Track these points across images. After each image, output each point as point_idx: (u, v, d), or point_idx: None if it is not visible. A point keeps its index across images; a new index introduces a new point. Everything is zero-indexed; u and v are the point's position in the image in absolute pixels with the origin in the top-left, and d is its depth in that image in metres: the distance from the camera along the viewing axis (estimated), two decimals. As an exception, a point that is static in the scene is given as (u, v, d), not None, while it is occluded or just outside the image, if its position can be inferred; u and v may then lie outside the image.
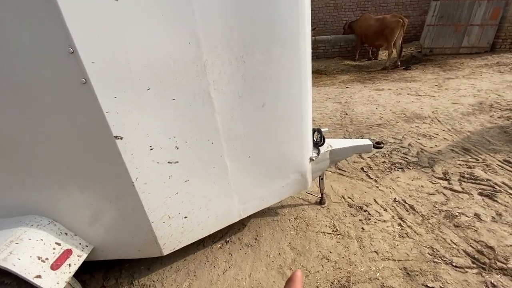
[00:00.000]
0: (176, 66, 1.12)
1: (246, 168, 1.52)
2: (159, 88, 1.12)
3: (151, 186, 1.27)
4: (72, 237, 1.36)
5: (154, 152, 1.22)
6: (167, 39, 1.06)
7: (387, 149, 3.02)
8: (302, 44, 1.39)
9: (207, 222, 1.54)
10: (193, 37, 1.11)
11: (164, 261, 1.71)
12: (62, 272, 1.25)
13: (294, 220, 2.02)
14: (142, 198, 1.27)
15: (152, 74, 1.08)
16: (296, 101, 1.51)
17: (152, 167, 1.24)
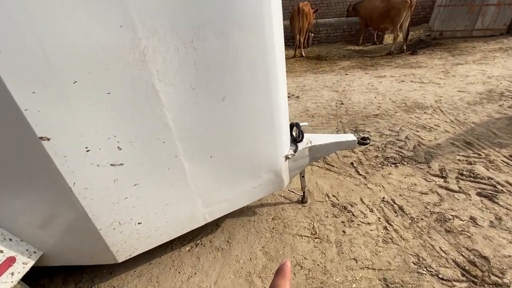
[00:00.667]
0: (107, 54, 0.94)
1: (209, 169, 1.36)
2: (89, 81, 0.95)
3: (93, 191, 1.13)
4: (17, 243, 1.25)
5: (91, 154, 1.07)
6: (92, 22, 0.88)
7: (382, 142, 2.81)
8: (268, 26, 1.19)
9: (166, 227, 1.41)
10: (125, 18, 0.92)
11: (128, 265, 1.61)
12: (2, 282, 1.14)
13: (271, 220, 1.89)
14: (84, 204, 1.13)
15: (77, 64, 0.91)
16: (264, 93, 1.32)
17: (91, 171, 1.09)
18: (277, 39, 1.28)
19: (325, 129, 3.22)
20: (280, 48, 1.35)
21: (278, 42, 1.31)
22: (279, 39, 1.33)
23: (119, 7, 0.90)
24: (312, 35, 8.48)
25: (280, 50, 1.36)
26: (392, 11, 6.52)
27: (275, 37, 1.25)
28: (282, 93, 1.48)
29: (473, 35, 7.36)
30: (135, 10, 0.93)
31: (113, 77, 0.99)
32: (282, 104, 1.47)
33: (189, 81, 1.12)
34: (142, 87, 1.04)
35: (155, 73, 1.04)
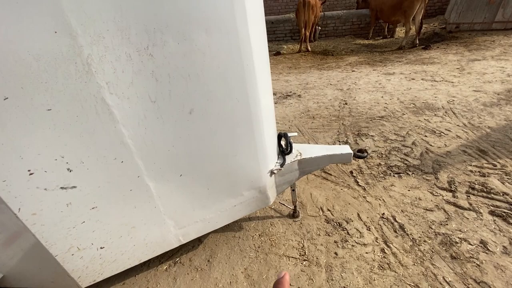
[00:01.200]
0: (41, 66, 0.80)
1: (179, 189, 1.22)
2: (22, 97, 0.81)
3: (42, 216, 1.01)
4: (-31, 267, 1.16)
5: (36, 177, 0.94)
6: (18, 28, 0.74)
7: (386, 148, 2.60)
8: (242, 28, 1.01)
9: (134, 251, 1.28)
10: (60, 23, 0.77)
11: (101, 284, 1.50)
12: None
13: (258, 237, 1.74)
14: (34, 231, 1.01)
15: (5, 79, 0.77)
16: (241, 103, 1.16)
17: (38, 195, 0.96)
18: (255, 41, 1.10)
19: (325, 132, 3.03)
20: (260, 51, 1.18)
21: (258, 45, 1.14)
22: (259, 42, 1.16)
23: (51, 10, 0.75)
24: (319, 29, 8.15)
25: (260, 54, 1.18)
26: (405, 2, 6.13)
27: (253, 40, 1.08)
28: (266, 101, 1.31)
29: (492, 28, 6.88)
30: (72, 12, 0.77)
31: (53, 92, 0.84)
32: (265, 114, 1.30)
33: (148, 93, 0.97)
34: (90, 101, 0.90)
35: (104, 85, 0.89)
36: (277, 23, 8.51)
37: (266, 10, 9.05)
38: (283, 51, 7.45)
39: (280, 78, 5.24)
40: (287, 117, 3.49)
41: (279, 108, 3.79)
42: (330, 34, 8.46)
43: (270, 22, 8.54)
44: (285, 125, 3.28)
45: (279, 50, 7.44)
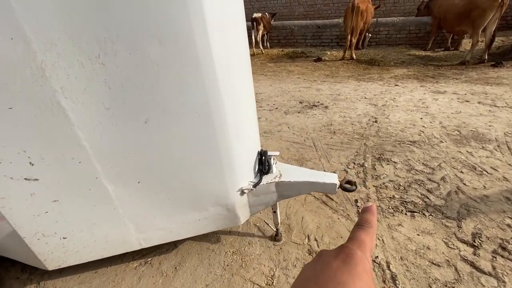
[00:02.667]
0: (1, 68, 0.87)
1: (137, 195, 1.23)
2: (-20, 97, 0.90)
3: (10, 201, 1.11)
4: (-34, 232, 1.34)
5: (2, 166, 1.03)
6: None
7: (407, 179, 2.26)
8: (201, 40, 0.96)
9: (95, 246, 1.33)
10: (15, 30, 0.82)
11: (78, 268, 1.61)
12: None
13: (231, 254, 1.66)
14: (4, 213, 1.12)
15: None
16: (201, 118, 1.10)
17: (5, 182, 1.06)
18: (221, 54, 1.04)
19: (341, 151, 2.78)
20: (231, 65, 1.11)
21: (226, 58, 1.07)
22: (230, 54, 1.09)
23: (7, 18, 0.81)
24: (369, 36, 7.57)
25: (231, 68, 1.11)
26: (475, 11, 5.28)
27: (217, 53, 1.01)
28: (239, 117, 1.23)
29: None
30: (25, 20, 0.82)
31: (12, 92, 0.91)
32: (235, 130, 1.23)
33: (101, 100, 0.98)
34: (46, 104, 0.95)
35: (59, 89, 0.93)
36: (323, 28, 8.18)
37: (315, 14, 8.78)
38: (324, 58, 7.12)
39: (312, 86, 5.01)
40: (306, 129, 3.30)
41: (300, 118, 3.61)
42: (381, 42, 7.78)
43: (317, 26, 8.24)
44: (301, 137, 3.11)
45: (320, 56, 7.13)
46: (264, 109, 4.02)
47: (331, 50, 7.91)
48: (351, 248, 0.30)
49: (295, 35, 8.70)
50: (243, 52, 1.22)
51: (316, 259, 0.32)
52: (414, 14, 7.20)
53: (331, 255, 0.30)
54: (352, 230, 0.33)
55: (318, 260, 0.31)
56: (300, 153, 2.79)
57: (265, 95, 4.65)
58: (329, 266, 0.28)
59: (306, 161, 2.66)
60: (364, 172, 2.42)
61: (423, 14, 6.82)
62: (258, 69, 6.54)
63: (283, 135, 3.21)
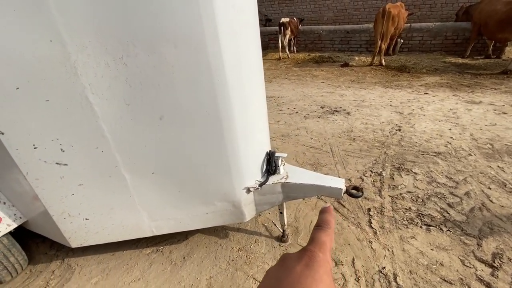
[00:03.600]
0: (41, 66, 1.01)
1: (151, 185, 1.33)
2: (29, 88, 1.04)
3: (43, 182, 1.27)
4: (8, 207, 1.54)
5: (39, 151, 1.19)
6: (26, 37, 0.95)
7: (426, 192, 2.16)
8: (212, 44, 1.03)
9: (112, 229, 1.46)
10: (54, 34, 0.96)
11: (98, 249, 1.77)
12: (-16, 236, 1.44)
13: (237, 251, 1.72)
14: (37, 192, 1.29)
15: (17, 73, 1.01)
16: (211, 117, 1.18)
17: (40, 165, 1.22)
18: (231, 58, 1.10)
19: (359, 158, 2.71)
20: (240, 67, 1.17)
21: (236, 61, 1.13)
22: (240, 58, 1.15)
23: (48, 24, 0.94)
24: (401, 41, 7.25)
25: (240, 70, 1.17)
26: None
27: (227, 56, 1.08)
28: (246, 118, 1.29)
29: None
30: (63, 26, 0.95)
31: (50, 87, 1.05)
32: (244, 132, 1.29)
33: (123, 97, 1.10)
34: (77, 98, 1.08)
35: (87, 86, 1.06)
36: (352, 33, 7.99)
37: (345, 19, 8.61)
38: (352, 63, 6.95)
39: (336, 91, 4.92)
40: (324, 134, 3.27)
41: (319, 123, 3.58)
42: (414, 48, 7.41)
43: (345, 31, 8.08)
44: (319, 142, 3.09)
45: (347, 62, 6.98)
46: (284, 113, 4.04)
47: (359, 55, 7.70)
48: (313, 251, 0.30)
49: (323, 40, 8.60)
50: (254, 56, 1.28)
51: (279, 263, 0.32)
52: (452, 19, 6.77)
53: (294, 259, 0.30)
54: (313, 232, 0.34)
55: (282, 265, 0.31)
56: (316, 158, 2.78)
57: (286, 99, 4.67)
58: (293, 270, 0.29)
59: (321, 166, 2.63)
60: (381, 181, 2.34)
61: (462, 20, 6.38)
62: (283, 73, 6.57)
63: (300, 139, 3.21)
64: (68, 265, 1.69)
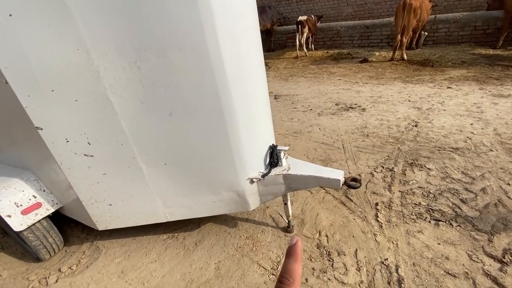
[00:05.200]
0: (71, 71, 1.19)
1: (164, 175, 1.49)
2: (61, 90, 1.24)
3: (74, 171, 1.48)
4: (47, 194, 1.79)
5: (70, 144, 1.39)
6: (56, 47, 1.14)
7: (439, 187, 2.11)
8: (213, 47, 1.15)
9: (131, 214, 1.64)
10: (80, 44, 1.14)
11: (121, 233, 1.98)
12: (28, 218, 1.68)
13: (244, 239, 1.83)
14: (70, 180, 1.50)
15: (51, 78, 1.21)
16: (215, 113, 1.30)
17: (71, 156, 1.42)
18: (231, 60, 1.21)
19: (372, 154, 2.70)
20: (242, 68, 1.27)
21: (234, 63, 1.24)
22: (237, 59, 1.25)
23: (75, 35, 1.12)
24: (425, 34, 6.91)
25: (239, 72, 1.28)
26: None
27: (226, 58, 1.19)
28: (250, 115, 1.39)
29: None
30: (88, 37, 1.12)
31: (78, 89, 1.24)
32: (246, 127, 1.39)
33: (138, 96, 1.26)
34: (100, 98, 1.26)
35: (108, 87, 1.23)
36: (373, 27, 7.75)
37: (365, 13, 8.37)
38: (371, 59, 6.76)
39: (352, 88, 4.85)
40: (337, 131, 3.27)
41: (333, 120, 3.58)
42: (440, 40, 7.01)
43: (365, 26, 7.86)
44: (331, 139, 3.11)
45: (367, 57, 6.79)
46: (298, 110, 4.09)
47: (379, 51, 7.46)
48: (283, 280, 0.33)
49: (342, 36, 8.43)
50: (255, 57, 1.38)
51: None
52: (482, 8, 6.31)
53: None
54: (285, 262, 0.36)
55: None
56: (327, 154, 2.81)
57: (301, 97, 4.70)
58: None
59: (332, 162, 2.66)
60: (392, 176, 2.33)
61: (494, 8, 5.93)
62: (299, 71, 6.58)
63: (313, 135, 3.24)
64: (96, 247, 1.91)
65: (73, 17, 1.09)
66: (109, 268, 1.72)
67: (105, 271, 1.71)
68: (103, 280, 1.64)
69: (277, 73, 6.73)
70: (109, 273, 1.69)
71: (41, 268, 1.81)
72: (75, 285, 1.64)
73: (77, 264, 1.79)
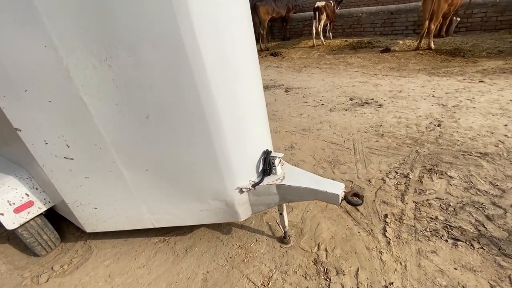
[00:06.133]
0: (41, 70, 1.10)
1: (146, 180, 1.38)
2: (34, 90, 1.15)
3: (56, 174, 1.41)
4: (40, 192, 1.76)
5: (49, 146, 1.31)
6: (24, 44, 1.04)
7: (460, 199, 1.86)
8: (190, 42, 0.99)
9: (117, 218, 1.57)
10: (47, 40, 1.03)
11: (115, 233, 1.93)
12: (20, 216, 1.66)
13: (236, 248, 1.71)
14: (53, 182, 1.44)
15: (23, 77, 1.12)
16: (196, 117, 1.15)
17: (52, 159, 1.35)
18: (210, 54, 1.05)
19: (385, 157, 2.46)
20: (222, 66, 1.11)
21: (217, 58, 1.08)
22: (220, 54, 1.09)
23: (42, 31, 1.01)
24: (457, 20, 6.25)
25: (223, 69, 1.11)
26: None
27: (205, 53, 1.03)
28: (238, 119, 1.24)
29: None
30: (53, 32, 1.01)
31: (51, 89, 1.14)
32: (233, 132, 1.24)
33: (112, 97, 1.14)
34: (73, 99, 1.15)
35: (80, 87, 1.12)
36: (397, 13, 7.14)
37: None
38: (394, 48, 6.25)
39: (370, 81, 4.50)
40: (349, 129, 3.03)
41: (345, 117, 3.32)
42: (474, 27, 6.31)
43: (389, 12, 7.26)
44: (341, 138, 2.88)
45: (389, 46, 6.29)
46: (308, 105, 3.85)
47: (404, 39, 6.88)
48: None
49: (362, 24, 7.87)
50: (245, 52, 1.20)
51: None
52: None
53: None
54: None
55: None
56: (336, 155, 2.60)
57: (313, 90, 4.43)
58: None
59: (340, 164, 2.46)
60: (406, 184, 2.09)
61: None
62: (314, 62, 6.24)
63: (322, 133, 3.03)
64: (88, 246, 1.88)
65: (37, 11, 0.97)
66: (97, 270, 1.68)
67: (93, 273, 1.67)
68: (90, 284, 1.60)
69: (290, 64, 6.44)
70: (97, 276, 1.65)
71: (36, 264, 1.81)
72: (63, 286, 1.62)
73: (69, 263, 1.77)
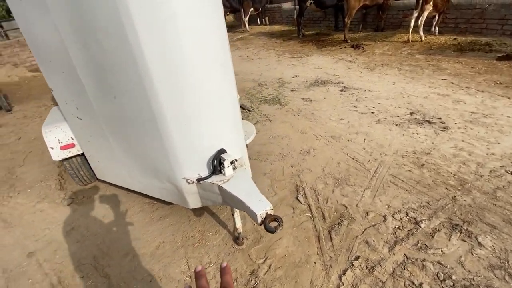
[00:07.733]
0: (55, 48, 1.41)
1: (124, 149, 1.63)
2: (54, 62, 1.51)
3: (75, 129, 1.85)
4: (80, 139, 2.31)
5: (68, 107, 1.72)
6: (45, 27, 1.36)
7: (468, 278, 1.39)
8: (131, 33, 1.08)
9: (111, 173, 1.93)
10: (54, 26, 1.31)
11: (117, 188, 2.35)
12: (63, 153, 2.22)
13: (196, 231, 1.83)
14: (74, 135, 1.89)
15: (47, 52, 1.49)
16: (144, 105, 1.27)
17: (70, 116, 1.77)
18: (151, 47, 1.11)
19: (405, 191, 2.00)
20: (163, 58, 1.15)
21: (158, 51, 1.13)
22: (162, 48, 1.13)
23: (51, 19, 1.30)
24: None
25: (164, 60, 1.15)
26: None
27: (146, 46, 1.10)
28: (180, 111, 1.28)
29: None
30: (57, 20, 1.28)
31: (61, 63, 1.47)
32: (176, 122, 1.30)
33: (94, 76, 1.37)
34: (72, 72, 1.45)
35: (76, 66, 1.40)
36: None
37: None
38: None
39: (454, 95, 3.52)
40: (384, 148, 2.56)
41: (391, 132, 2.79)
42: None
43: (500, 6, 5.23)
44: (368, 156, 2.48)
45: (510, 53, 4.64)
46: (355, 111, 3.39)
47: (548, 44, 4.89)
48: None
49: (486, 18, 5.97)
50: (196, 48, 1.19)
51: None
52: None
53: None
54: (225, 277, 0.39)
55: None
56: (348, 173, 2.29)
57: (373, 94, 3.83)
58: None
59: (346, 185, 2.16)
60: (409, 232, 1.69)
61: None
62: (396, 61, 5.25)
63: (349, 146, 2.67)
64: (104, 191, 2.37)
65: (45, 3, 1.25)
66: (99, 210, 2.13)
67: (94, 211, 2.12)
68: (90, 216, 2.06)
69: (367, 59, 5.65)
70: (97, 212, 2.09)
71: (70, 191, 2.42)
72: (78, 211, 2.13)
73: (88, 196, 2.30)
